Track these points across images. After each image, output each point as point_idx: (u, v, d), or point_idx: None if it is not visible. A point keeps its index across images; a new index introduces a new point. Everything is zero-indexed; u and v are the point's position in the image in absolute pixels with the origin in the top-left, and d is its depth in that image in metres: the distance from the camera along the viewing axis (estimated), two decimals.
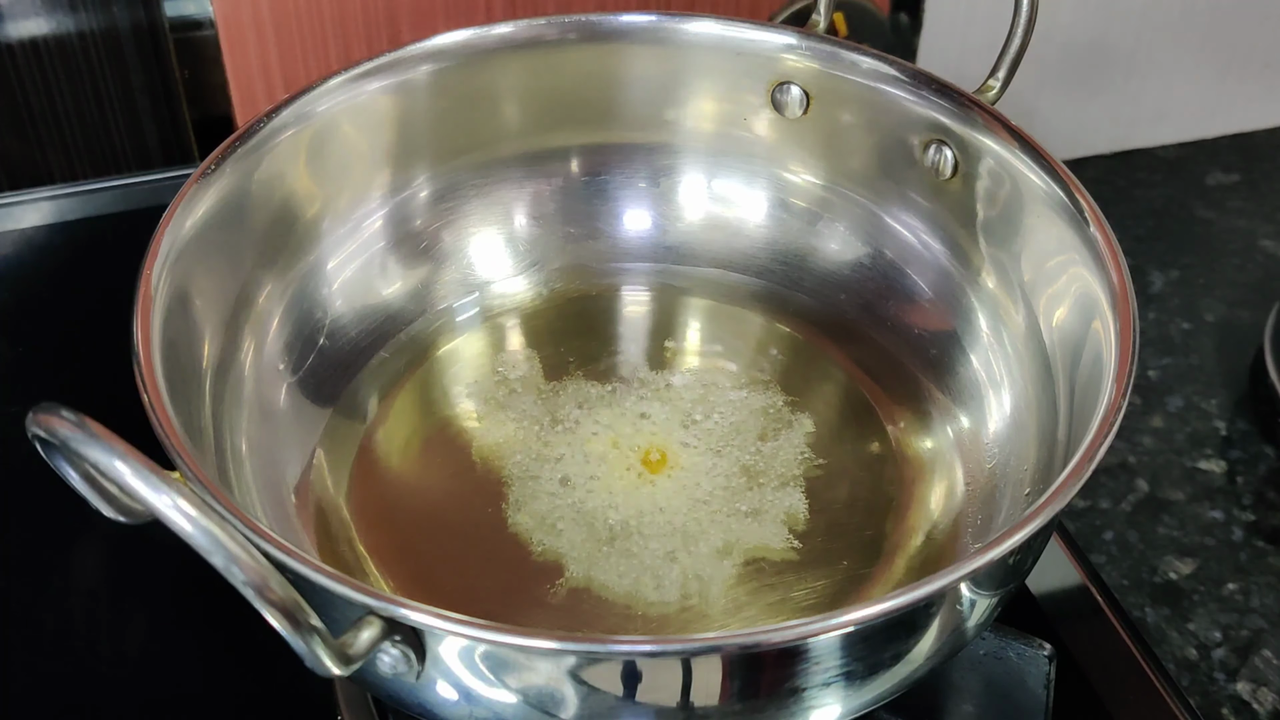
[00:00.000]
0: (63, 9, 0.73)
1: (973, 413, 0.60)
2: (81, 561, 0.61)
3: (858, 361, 0.64)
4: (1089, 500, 0.66)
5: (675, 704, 0.42)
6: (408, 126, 0.63)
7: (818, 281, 0.66)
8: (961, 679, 0.54)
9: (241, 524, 0.41)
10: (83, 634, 0.59)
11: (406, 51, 0.61)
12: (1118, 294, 0.50)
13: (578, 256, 0.68)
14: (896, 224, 0.64)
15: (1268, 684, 0.59)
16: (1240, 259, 0.81)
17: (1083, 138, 0.87)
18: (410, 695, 0.44)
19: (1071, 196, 0.54)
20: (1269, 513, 0.66)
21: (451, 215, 0.66)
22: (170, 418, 0.45)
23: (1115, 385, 0.47)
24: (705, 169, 0.68)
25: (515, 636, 0.40)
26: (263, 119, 0.57)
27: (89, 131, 0.77)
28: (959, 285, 0.62)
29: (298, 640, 0.37)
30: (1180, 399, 0.72)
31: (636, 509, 0.56)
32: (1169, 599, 0.62)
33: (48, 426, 0.35)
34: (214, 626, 0.58)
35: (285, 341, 0.60)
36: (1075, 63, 0.83)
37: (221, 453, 0.53)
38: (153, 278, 0.50)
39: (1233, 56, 0.86)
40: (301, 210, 0.61)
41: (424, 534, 0.56)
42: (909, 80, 0.60)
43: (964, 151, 0.59)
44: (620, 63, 0.65)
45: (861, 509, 0.57)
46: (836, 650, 0.42)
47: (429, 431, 0.60)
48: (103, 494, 0.40)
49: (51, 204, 0.77)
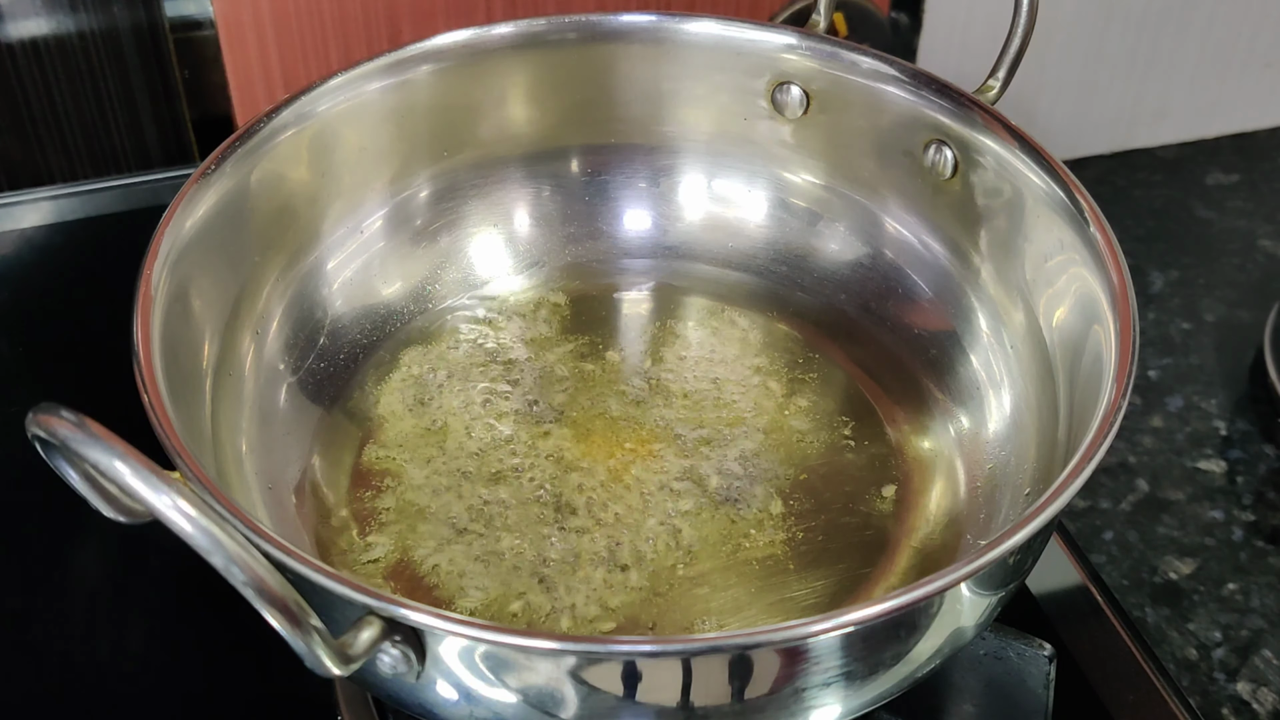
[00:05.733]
0: (63, 9, 0.73)
1: (973, 413, 0.60)
2: (81, 561, 0.61)
3: (858, 361, 0.64)
4: (1089, 500, 0.66)
5: (675, 704, 0.42)
6: (408, 126, 0.63)
7: (818, 281, 0.66)
8: (961, 679, 0.54)
9: (241, 524, 0.41)
10: (82, 634, 0.59)
11: (406, 51, 0.61)
12: (1118, 294, 0.50)
13: (578, 256, 0.68)
14: (896, 224, 0.64)
15: (1268, 684, 0.59)
16: (1240, 259, 0.81)
17: (1083, 138, 0.87)
18: (410, 695, 0.44)
19: (1071, 196, 0.54)
20: (1269, 513, 0.66)
21: (451, 215, 0.66)
22: (170, 418, 0.45)
23: (1115, 385, 0.47)
24: (705, 169, 0.68)
25: (515, 636, 0.40)
26: (263, 119, 0.57)
27: (89, 131, 0.77)
28: (959, 285, 0.62)
29: (298, 640, 0.37)
30: (1180, 399, 0.72)
31: (635, 506, 0.56)
32: (1169, 599, 0.62)
33: (48, 426, 0.35)
34: (214, 627, 0.58)
35: (285, 341, 0.60)
36: (1075, 63, 0.83)
37: (221, 453, 0.53)
38: (153, 278, 0.50)
39: (1233, 56, 0.86)
40: (301, 210, 0.61)
41: (423, 533, 0.56)
42: (909, 80, 0.60)
43: (964, 151, 0.59)
44: (620, 63, 0.65)
45: (861, 509, 0.57)
46: (836, 650, 0.42)
47: (429, 431, 0.60)
48: (103, 494, 0.40)
49: (51, 204, 0.77)
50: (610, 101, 0.66)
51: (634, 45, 0.64)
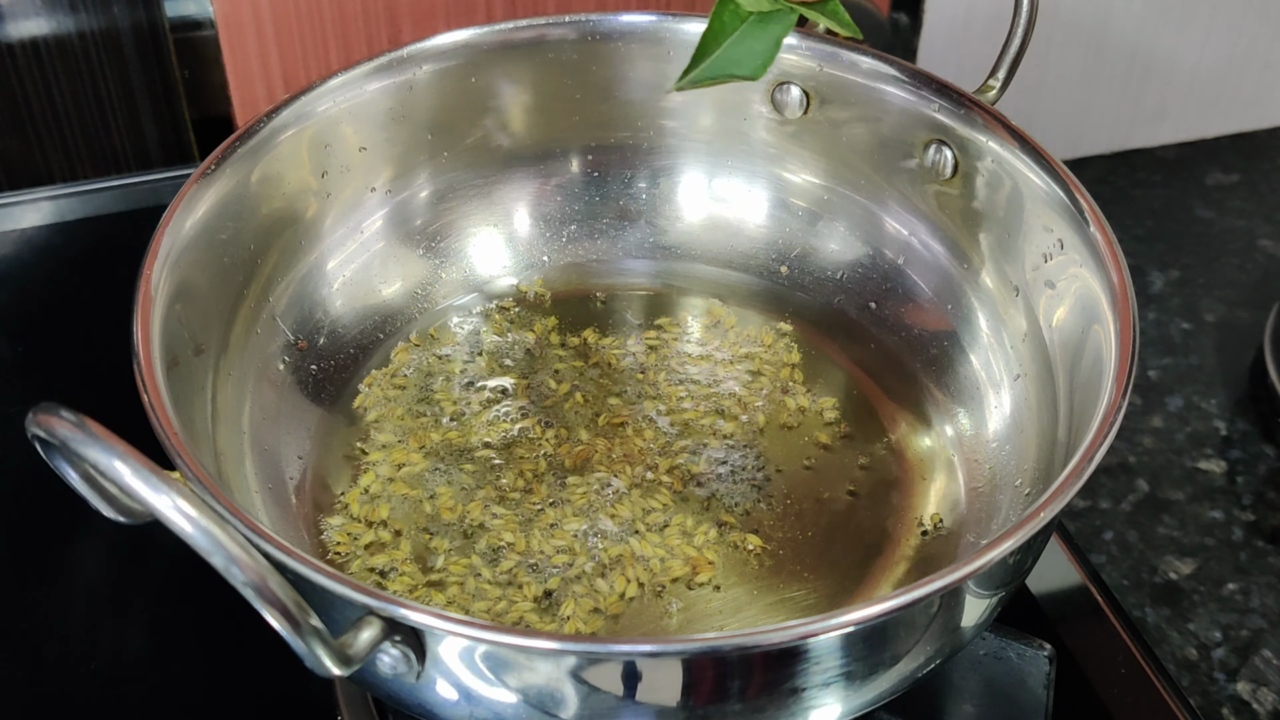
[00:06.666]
0: (63, 9, 0.73)
1: (973, 412, 0.60)
2: (81, 561, 0.61)
3: (858, 361, 0.64)
4: (1089, 500, 0.66)
5: (675, 704, 0.42)
6: (408, 126, 0.63)
7: (817, 281, 0.66)
8: (961, 679, 0.54)
9: (241, 524, 0.41)
10: (82, 634, 0.58)
11: (406, 51, 0.61)
12: (1118, 294, 0.50)
13: (578, 256, 0.68)
14: (896, 224, 0.64)
15: (1268, 684, 0.59)
16: (1240, 259, 0.81)
17: (1083, 138, 0.87)
18: (410, 695, 0.44)
19: (1071, 196, 0.54)
20: (1269, 513, 0.66)
21: (451, 215, 0.66)
22: (170, 418, 0.45)
23: (1115, 385, 0.47)
24: (705, 169, 0.68)
25: (515, 636, 0.40)
26: (263, 119, 0.57)
27: (89, 131, 0.77)
28: (959, 285, 0.62)
29: (298, 640, 0.37)
30: (1180, 399, 0.72)
31: (634, 506, 0.56)
32: (1169, 599, 0.62)
33: (48, 426, 0.35)
34: (214, 627, 0.58)
35: (285, 341, 0.60)
36: (1075, 63, 0.83)
37: (221, 453, 0.52)
38: (153, 278, 0.50)
39: (1233, 56, 0.86)
40: (301, 210, 0.61)
41: (423, 533, 0.56)
42: (909, 80, 0.60)
43: (964, 151, 0.59)
44: (620, 63, 0.65)
45: (861, 509, 0.57)
46: (836, 650, 0.42)
47: (429, 431, 0.60)
48: (103, 494, 0.40)
49: (51, 204, 0.77)
50: (610, 101, 0.66)
51: (634, 45, 0.64)
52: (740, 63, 0.49)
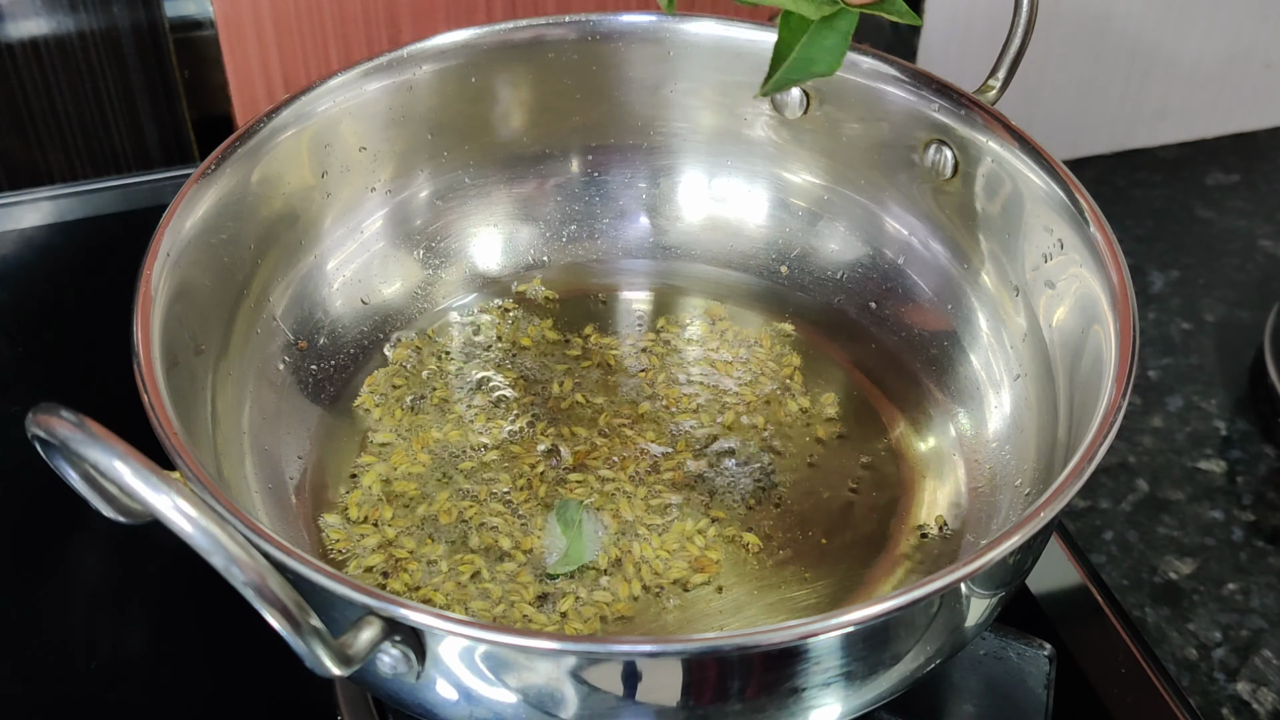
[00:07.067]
0: (63, 9, 0.73)
1: (973, 412, 0.60)
2: (81, 561, 0.61)
3: (858, 362, 0.64)
4: (1089, 500, 0.66)
5: (675, 704, 0.42)
6: (408, 126, 0.63)
7: (818, 281, 0.66)
8: (961, 679, 0.54)
9: (241, 524, 0.41)
10: (82, 635, 0.58)
11: (406, 51, 0.62)
12: (1118, 294, 0.50)
13: (578, 256, 0.68)
14: (896, 224, 0.64)
15: (1268, 684, 0.59)
16: (1240, 259, 0.81)
17: (1083, 138, 0.87)
18: (410, 695, 0.44)
19: (1071, 196, 0.54)
20: (1269, 513, 0.66)
21: (451, 215, 0.66)
22: (170, 418, 0.45)
23: (1115, 385, 0.47)
24: (705, 169, 0.68)
25: (515, 636, 0.40)
26: (263, 119, 0.57)
27: (89, 131, 0.77)
28: (959, 285, 0.62)
29: (298, 640, 0.37)
30: (1180, 399, 0.72)
31: (633, 506, 0.56)
32: (1169, 599, 0.62)
33: (48, 426, 0.35)
34: (214, 627, 0.58)
35: (285, 341, 0.60)
36: (1075, 63, 0.83)
37: (221, 453, 0.52)
38: (153, 278, 0.50)
39: (1233, 56, 0.86)
40: (301, 210, 0.61)
41: (423, 532, 0.56)
42: (909, 80, 0.60)
43: (964, 151, 0.59)
44: (620, 63, 0.65)
45: (861, 509, 0.57)
46: (836, 650, 0.42)
47: (428, 430, 0.60)
48: (103, 494, 0.40)
49: (51, 204, 0.77)
50: (610, 101, 0.66)
51: (634, 45, 0.64)
52: (816, 60, 0.52)
